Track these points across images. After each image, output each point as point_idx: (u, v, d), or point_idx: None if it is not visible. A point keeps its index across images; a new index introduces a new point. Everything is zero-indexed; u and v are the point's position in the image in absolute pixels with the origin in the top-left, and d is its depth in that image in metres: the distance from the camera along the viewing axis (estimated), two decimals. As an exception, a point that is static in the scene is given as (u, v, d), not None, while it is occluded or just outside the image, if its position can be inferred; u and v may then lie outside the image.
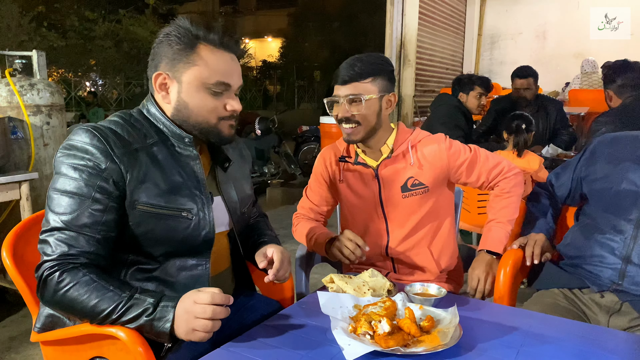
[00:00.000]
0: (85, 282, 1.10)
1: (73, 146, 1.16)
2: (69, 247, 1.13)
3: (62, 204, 1.14)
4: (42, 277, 1.12)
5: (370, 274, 1.40)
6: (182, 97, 1.22)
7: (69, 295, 1.10)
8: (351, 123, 1.60)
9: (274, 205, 5.91)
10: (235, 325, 1.32)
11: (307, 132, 7.84)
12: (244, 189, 1.44)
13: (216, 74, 1.21)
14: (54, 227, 1.13)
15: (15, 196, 2.82)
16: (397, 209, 1.68)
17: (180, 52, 1.19)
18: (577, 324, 1.26)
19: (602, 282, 1.52)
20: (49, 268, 1.12)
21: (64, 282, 1.10)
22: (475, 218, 3.05)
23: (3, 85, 3.11)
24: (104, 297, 1.09)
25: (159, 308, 1.08)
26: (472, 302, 1.35)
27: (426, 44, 6.14)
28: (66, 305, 1.12)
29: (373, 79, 1.58)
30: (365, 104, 1.57)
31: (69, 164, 1.15)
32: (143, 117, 1.25)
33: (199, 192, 1.25)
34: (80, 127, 1.18)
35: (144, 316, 1.08)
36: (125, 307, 1.09)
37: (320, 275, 1.48)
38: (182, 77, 1.21)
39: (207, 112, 1.23)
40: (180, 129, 1.24)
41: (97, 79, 17.67)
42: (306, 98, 21.61)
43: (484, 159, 1.69)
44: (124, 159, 1.16)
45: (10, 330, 2.72)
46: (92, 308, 1.09)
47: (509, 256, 1.59)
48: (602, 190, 1.60)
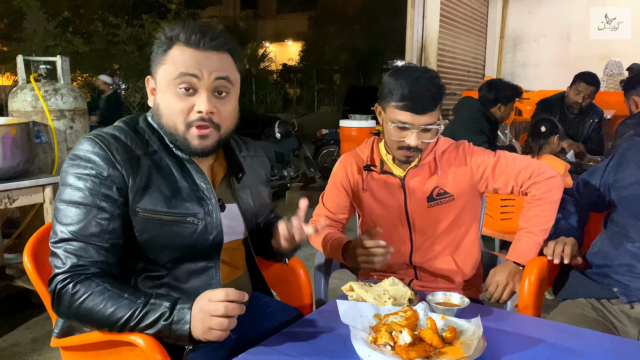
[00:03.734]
0: (99, 291, 1.10)
1: (77, 156, 1.16)
2: (78, 258, 1.13)
3: (68, 215, 1.14)
4: (55, 291, 1.12)
5: (390, 282, 1.38)
6: (157, 98, 1.22)
7: (85, 306, 1.10)
8: (415, 151, 1.55)
9: (293, 208, 5.88)
10: (254, 333, 1.30)
11: (326, 136, 7.83)
12: (261, 196, 1.42)
13: (180, 67, 1.16)
14: (61, 238, 1.13)
15: (39, 199, 2.86)
16: (422, 219, 1.65)
17: (158, 55, 1.20)
18: (606, 337, 1.22)
19: (632, 292, 1.47)
20: (61, 281, 1.12)
21: (78, 293, 1.10)
22: (498, 224, 3.00)
23: (28, 90, 3.17)
24: (120, 305, 1.09)
25: (175, 311, 1.07)
26: (495, 312, 1.32)
27: (447, 46, 6.08)
28: (83, 317, 1.12)
29: (440, 103, 1.53)
30: (434, 131, 1.54)
31: (73, 173, 1.15)
32: (146, 123, 1.25)
33: (205, 197, 1.23)
34: (84, 137, 1.19)
35: (162, 320, 1.07)
36: (142, 314, 1.08)
37: (339, 281, 1.46)
38: (157, 78, 1.21)
39: (174, 115, 1.17)
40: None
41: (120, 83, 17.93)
42: (326, 101, 21.61)
43: (510, 162, 1.62)
44: (126, 165, 1.15)
45: (34, 332, 2.76)
46: (109, 317, 1.09)
47: (534, 264, 1.55)
48: (632, 197, 1.55)
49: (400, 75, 1.52)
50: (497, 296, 1.56)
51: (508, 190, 1.64)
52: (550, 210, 1.60)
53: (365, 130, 5.67)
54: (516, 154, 1.68)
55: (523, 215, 1.65)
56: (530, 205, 1.63)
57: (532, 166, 1.61)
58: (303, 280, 1.59)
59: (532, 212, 1.61)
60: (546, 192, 1.59)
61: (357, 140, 5.35)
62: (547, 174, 1.60)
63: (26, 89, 3.18)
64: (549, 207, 1.59)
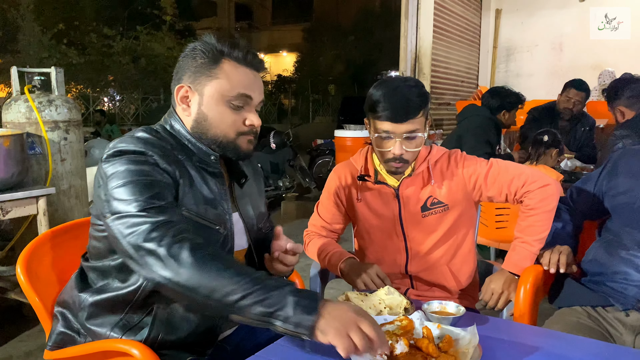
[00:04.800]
0: (216, 253, 1.04)
1: (124, 151, 1.13)
2: (170, 216, 1.07)
3: (136, 189, 1.07)
4: (163, 240, 1.02)
5: (386, 291, 1.37)
6: (202, 109, 1.22)
7: (210, 262, 1.01)
8: (402, 162, 1.57)
9: (289, 218, 5.89)
10: (249, 344, 1.30)
11: (321, 146, 7.85)
12: (259, 205, 1.43)
13: (238, 86, 1.21)
14: (138, 210, 1.05)
15: (32, 211, 2.84)
16: (416, 228, 1.65)
17: (204, 66, 1.20)
18: (602, 345, 1.22)
19: (627, 300, 1.47)
20: (169, 228, 1.03)
21: (198, 246, 1.03)
22: (493, 233, 3.00)
23: (22, 102, 3.16)
24: (241, 272, 1.02)
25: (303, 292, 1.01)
26: (491, 321, 1.31)
27: (441, 57, 6.12)
28: (205, 273, 1.00)
29: (423, 111, 1.54)
30: (419, 139, 1.55)
31: (125, 162, 1.11)
32: (168, 133, 1.24)
33: (224, 209, 1.25)
34: (122, 137, 1.16)
35: (290, 296, 0.99)
36: (263, 286, 1.00)
37: (335, 291, 1.46)
38: (204, 90, 1.21)
39: (226, 126, 1.22)
40: (207, 147, 1.23)
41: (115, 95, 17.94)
42: (321, 112, 21.67)
43: (502, 170, 1.61)
44: (174, 165, 1.16)
45: (27, 345, 2.73)
46: (229, 282, 1.00)
47: (530, 273, 1.55)
48: (625, 205, 1.56)
49: (381, 86, 1.55)
50: (493, 304, 1.56)
51: (502, 199, 1.63)
52: (545, 219, 1.59)
53: (360, 140, 5.68)
54: (509, 161, 1.68)
55: (518, 225, 1.64)
56: (524, 215, 1.62)
57: (525, 174, 1.60)
58: (298, 290, 1.58)
59: (527, 222, 1.61)
60: (540, 202, 1.58)
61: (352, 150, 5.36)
62: (541, 182, 1.58)
63: (20, 100, 3.17)
64: (543, 216, 1.59)
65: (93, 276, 1.25)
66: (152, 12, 15.72)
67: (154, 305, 1.17)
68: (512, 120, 3.51)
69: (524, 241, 1.60)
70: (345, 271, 1.62)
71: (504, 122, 3.49)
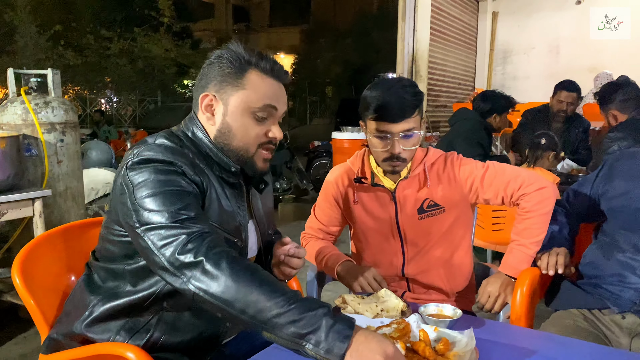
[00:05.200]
0: (255, 267, 1.02)
1: (152, 160, 1.10)
2: (202, 226, 1.05)
3: (167, 200, 1.06)
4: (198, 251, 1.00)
5: (383, 294, 1.37)
6: (226, 119, 1.20)
7: (248, 274, 0.99)
8: (399, 160, 1.57)
9: (286, 220, 5.89)
10: (246, 347, 1.29)
11: (319, 148, 7.85)
12: (270, 211, 1.43)
13: (264, 97, 1.19)
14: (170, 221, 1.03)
15: (28, 213, 2.83)
16: (413, 231, 1.65)
17: (230, 75, 1.19)
18: (598, 348, 1.22)
19: (623, 302, 1.47)
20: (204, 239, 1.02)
21: (236, 259, 1.01)
22: (490, 235, 3.00)
23: (18, 104, 3.15)
24: (276, 289, 0.99)
25: (338, 321, 0.96)
26: (488, 324, 1.31)
27: (438, 59, 6.14)
28: (242, 286, 0.98)
29: (418, 110, 1.55)
30: (415, 138, 1.55)
31: (153, 171, 1.09)
32: (189, 140, 1.22)
33: (241, 221, 1.24)
34: (146, 145, 1.14)
35: (324, 320, 0.95)
36: (298, 306, 0.96)
37: (332, 293, 1.46)
38: (229, 100, 1.19)
39: (249, 138, 1.21)
40: (227, 158, 1.22)
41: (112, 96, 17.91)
42: (318, 114, 21.70)
43: (499, 173, 1.61)
44: (202, 175, 1.15)
45: (23, 347, 2.72)
46: (266, 299, 0.97)
47: (526, 275, 1.55)
48: (622, 208, 1.56)
49: (375, 87, 1.56)
50: (489, 307, 1.56)
51: (498, 201, 1.63)
52: (541, 222, 1.59)
53: (357, 142, 5.69)
54: (506, 164, 1.68)
55: (515, 228, 1.64)
56: (521, 218, 1.62)
57: (521, 177, 1.60)
58: (295, 293, 1.57)
59: (524, 225, 1.61)
60: (537, 204, 1.58)
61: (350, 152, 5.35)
62: (537, 185, 1.58)
63: (16, 102, 3.16)
64: (540, 219, 1.58)
65: (103, 276, 1.23)
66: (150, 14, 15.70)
67: (162, 310, 1.17)
68: (503, 124, 3.54)
69: (520, 244, 1.60)
70: (342, 274, 1.62)
71: (494, 126, 3.52)
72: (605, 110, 2.85)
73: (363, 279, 1.53)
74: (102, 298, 1.19)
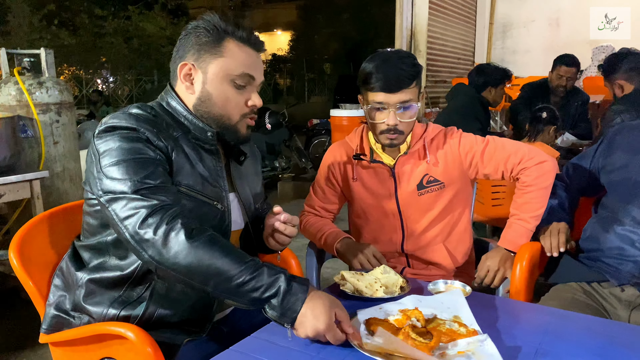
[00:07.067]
0: (213, 236, 1.05)
1: (116, 127, 1.12)
2: (165, 197, 1.07)
3: (130, 168, 1.07)
4: (158, 226, 1.03)
5: (382, 270, 1.37)
6: (206, 87, 1.22)
7: (209, 245, 1.03)
8: (397, 133, 1.55)
9: (285, 199, 5.89)
10: (246, 325, 1.30)
11: (317, 126, 7.81)
12: (255, 186, 1.42)
13: (242, 66, 1.21)
14: (133, 190, 1.05)
15: (26, 195, 2.83)
16: (412, 207, 1.64)
17: (208, 44, 1.20)
18: (597, 320, 1.22)
19: (622, 275, 1.48)
20: (165, 212, 1.04)
21: (194, 231, 1.04)
22: (489, 210, 3.00)
23: (12, 84, 3.12)
24: (235, 255, 1.04)
25: (294, 282, 1.05)
26: (487, 298, 1.32)
27: (437, 33, 6.05)
28: (200, 257, 1.02)
29: (416, 81, 1.53)
30: (412, 110, 1.53)
31: (118, 139, 1.10)
32: (164, 110, 1.23)
33: (221, 186, 1.25)
34: (115, 113, 1.15)
35: (280, 282, 1.03)
36: (257, 272, 1.03)
37: (332, 270, 1.46)
38: (208, 68, 1.21)
39: (230, 107, 1.22)
40: (204, 124, 1.23)
41: (108, 76, 17.75)
42: (316, 91, 21.53)
43: (499, 148, 1.61)
44: (168, 140, 1.15)
45: (24, 328, 2.74)
46: (227, 264, 1.03)
47: (526, 250, 1.55)
48: (621, 181, 1.55)
49: (373, 59, 1.55)
50: (489, 282, 1.57)
51: (498, 176, 1.63)
52: (541, 196, 1.59)
53: (356, 120, 5.65)
54: (506, 138, 1.67)
55: (514, 202, 1.64)
56: (520, 192, 1.62)
57: (521, 151, 1.59)
58: (295, 271, 1.58)
59: (523, 199, 1.61)
60: (537, 178, 1.57)
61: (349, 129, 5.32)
62: (537, 159, 1.58)
63: (10, 83, 3.13)
64: (540, 193, 1.58)
65: (87, 255, 1.24)
66: (144, -8, 15.48)
67: (153, 280, 1.17)
68: (499, 97, 3.49)
69: (520, 218, 1.60)
70: (342, 251, 1.61)
71: (490, 99, 3.48)
72: (610, 81, 2.81)
73: (362, 256, 1.52)
74: (90, 273, 1.20)
